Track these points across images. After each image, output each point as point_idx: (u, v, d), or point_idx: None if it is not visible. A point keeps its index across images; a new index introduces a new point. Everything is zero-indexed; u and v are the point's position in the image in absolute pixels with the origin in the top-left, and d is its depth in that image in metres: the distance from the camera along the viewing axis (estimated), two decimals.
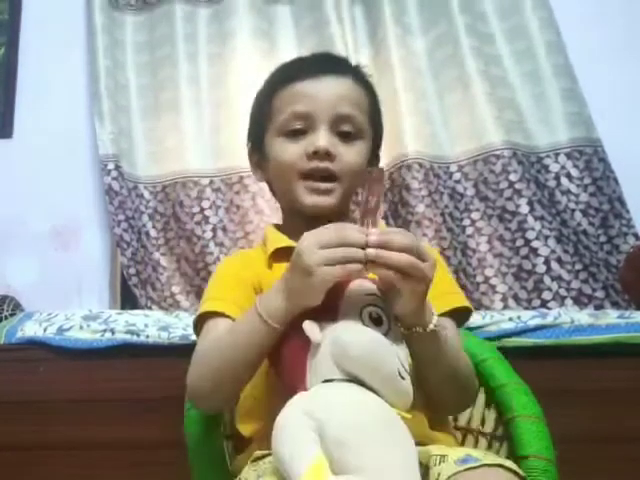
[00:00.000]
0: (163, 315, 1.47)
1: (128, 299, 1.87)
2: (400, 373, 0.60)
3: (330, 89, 0.84)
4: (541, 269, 1.71)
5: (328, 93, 0.84)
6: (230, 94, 1.92)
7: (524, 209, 1.74)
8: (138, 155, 1.94)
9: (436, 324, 0.66)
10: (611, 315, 1.36)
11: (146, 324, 1.36)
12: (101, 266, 1.94)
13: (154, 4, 2.04)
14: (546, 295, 1.69)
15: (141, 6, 2.06)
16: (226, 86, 1.94)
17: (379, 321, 0.63)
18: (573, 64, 1.84)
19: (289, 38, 1.99)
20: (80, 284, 1.89)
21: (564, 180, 1.78)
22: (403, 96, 1.84)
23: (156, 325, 1.36)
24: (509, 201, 1.76)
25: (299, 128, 0.84)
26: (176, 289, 1.83)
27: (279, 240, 0.86)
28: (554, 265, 1.70)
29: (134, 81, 1.99)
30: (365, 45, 1.97)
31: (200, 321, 0.80)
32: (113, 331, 1.34)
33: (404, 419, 0.58)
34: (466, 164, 1.82)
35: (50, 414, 1.32)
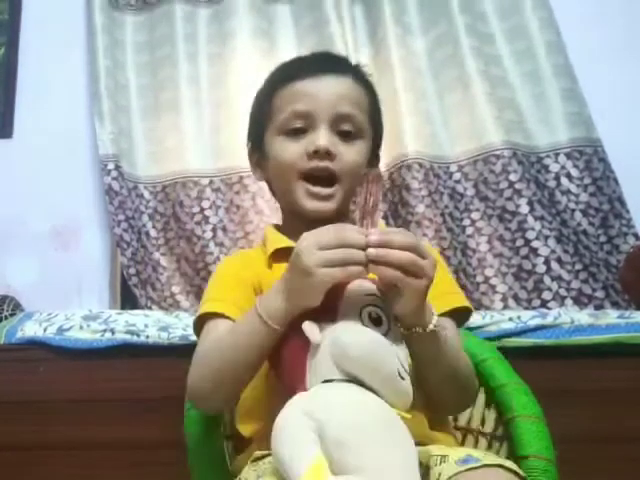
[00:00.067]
0: (163, 315, 1.47)
1: (128, 299, 1.87)
2: (400, 373, 0.59)
3: (330, 88, 0.84)
4: (541, 269, 1.71)
5: (328, 92, 0.84)
6: (230, 94, 1.92)
7: (524, 209, 1.74)
8: (138, 155, 1.94)
9: (436, 324, 0.66)
10: (611, 315, 1.36)
11: (146, 324, 1.36)
12: (101, 266, 1.94)
13: (154, 4, 2.04)
14: (546, 295, 1.69)
15: (141, 6, 2.06)
16: (226, 86, 1.94)
17: (379, 321, 0.63)
18: (573, 64, 1.84)
19: (289, 37, 1.99)
20: (80, 284, 1.89)
21: (564, 180, 1.78)
22: (403, 96, 1.84)
23: (156, 325, 1.36)
24: (509, 201, 1.76)
25: (299, 127, 0.84)
26: (176, 289, 1.83)
27: (279, 240, 0.86)
28: (554, 265, 1.70)
29: (134, 81, 1.99)
30: (365, 45, 1.97)
31: (200, 322, 0.80)
32: (113, 331, 1.34)
33: (404, 419, 0.58)
34: (466, 164, 1.82)
35: (50, 414, 1.32)
